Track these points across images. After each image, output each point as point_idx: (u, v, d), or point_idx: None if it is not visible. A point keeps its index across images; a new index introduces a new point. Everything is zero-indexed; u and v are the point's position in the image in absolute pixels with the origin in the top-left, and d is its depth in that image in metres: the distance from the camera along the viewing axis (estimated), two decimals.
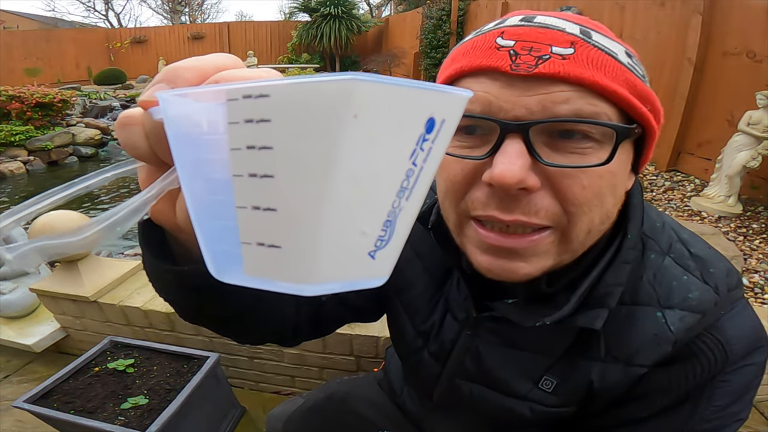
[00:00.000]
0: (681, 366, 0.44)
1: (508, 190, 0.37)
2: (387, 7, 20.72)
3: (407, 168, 0.17)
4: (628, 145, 0.40)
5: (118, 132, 0.26)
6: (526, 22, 0.39)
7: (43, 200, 0.23)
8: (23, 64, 10.92)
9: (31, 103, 5.92)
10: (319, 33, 11.78)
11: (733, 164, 2.77)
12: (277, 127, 0.15)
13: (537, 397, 0.51)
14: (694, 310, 0.44)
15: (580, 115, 0.36)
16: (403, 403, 0.81)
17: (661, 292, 0.45)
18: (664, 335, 0.44)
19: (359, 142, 0.14)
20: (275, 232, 0.16)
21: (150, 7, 31.34)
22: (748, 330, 0.44)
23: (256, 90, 0.15)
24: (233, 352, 1.57)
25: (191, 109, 0.18)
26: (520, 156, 0.36)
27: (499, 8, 6.29)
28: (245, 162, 0.16)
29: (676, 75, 3.49)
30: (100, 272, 1.67)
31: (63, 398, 1.20)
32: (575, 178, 0.37)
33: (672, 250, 0.47)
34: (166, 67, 0.24)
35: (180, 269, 0.33)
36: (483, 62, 0.38)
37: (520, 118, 0.37)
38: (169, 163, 0.25)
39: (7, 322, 1.84)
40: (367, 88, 0.14)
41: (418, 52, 8.66)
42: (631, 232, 0.44)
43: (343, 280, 0.18)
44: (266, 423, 0.97)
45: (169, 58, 12.61)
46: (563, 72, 0.35)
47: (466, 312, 0.54)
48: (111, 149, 6.60)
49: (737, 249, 2.42)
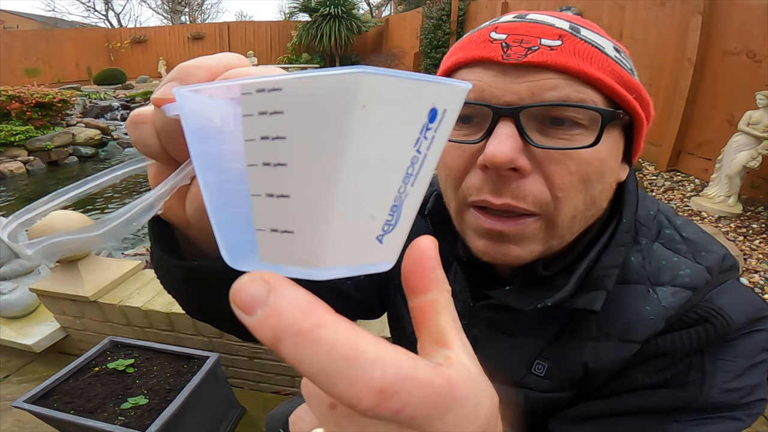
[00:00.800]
0: (676, 333, 0.44)
1: (500, 169, 0.39)
2: (387, 7, 20.74)
3: (412, 155, 0.18)
4: (616, 134, 0.42)
5: (130, 130, 0.26)
6: (519, 19, 0.43)
7: (58, 197, 0.24)
8: (23, 64, 10.94)
9: (31, 103, 5.92)
10: (319, 33, 11.78)
11: (733, 164, 2.77)
12: (289, 118, 0.16)
13: (530, 382, 0.51)
14: (685, 286, 0.44)
15: (568, 101, 0.38)
16: None
17: (651, 270, 0.46)
18: (656, 310, 0.44)
19: (367, 130, 0.15)
20: (289, 218, 0.17)
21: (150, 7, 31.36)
22: (743, 299, 0.44)
23: (269, 84, 0.16)
24: (233, 352, 1.57)
25: (206, 104, 0.19)
26: (511, 137, 0.39)
27: (499, 8, 6.29)
28: (259, 152, 0.17)
29: (676, 75, 3.49)
30: (100, 272, 1.67)
31: (63, 398, 1.20)
32: (563, 163, 0.39)
33: (661, 236, 0.48)
34: (178, 66, 0.24)
35: (188, 264, 0.34)
36: (477, 53, 0.41)
37: (510, 103, 0.39)
38: (178, 160, 0.26)
39: (7, 322, 1.84)
40: (374, 80, 0.15)
41: (418, 52, 8.67)
42: (626, 216, 0.46)
43: (353, 264, 0.18)
44: (266, 423, 0.97)
45: (169, 58, 12.66)
46: (551, 61, 0.38)
47: (462, 302, 0.54)
48: (111, 149, 6.60)
49: (737, 249, 2.42)
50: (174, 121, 0.23)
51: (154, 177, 0.28)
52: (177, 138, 0.24)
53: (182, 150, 0.25)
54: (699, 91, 3.37)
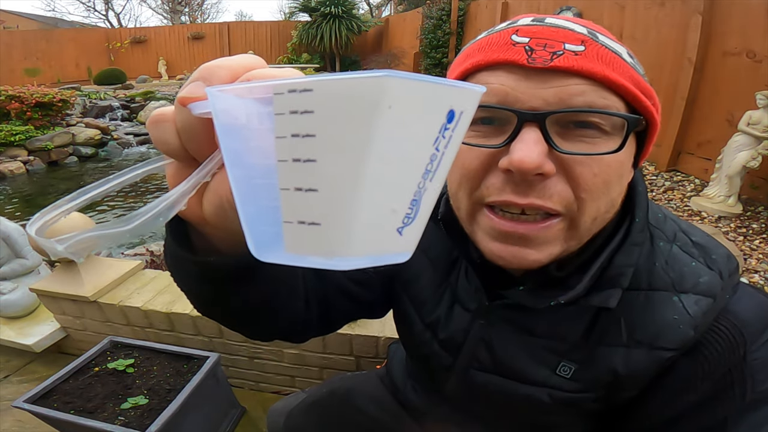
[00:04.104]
0: (712, 358, 0.45)
1: (526, 175, 0.39)
2: (387, 7, 20.73)
3: (431, 153, 0.19)
4: (632, 138, 0.43)
5: (151, 129, 0.27)
6: (537, 22, 0.42)
7: (81, 195, 0.25)
8: (23, 64, 10.93)
9: (30, 103, 5.92)
10: (319, 33, 11.77)
11: (733, 164, 2.77)
12: (320, 117, 0.17)
13: (556, 383, 0.52)
14: (706, 294, 0.45)
15: (594, 107, 0.39)
16: (406, 399, 0.81)
17: (674, 277, 0.47)
18: (684, 318, 0.45)
19: (392, 129, 0.17)
20: (316, 211, 0.18)
21: (150, 7, 31.37)
22: (755, 304, 0.46)
23: (300, 85, 0.17)
24: (233, 352, 1.57)
25: (235, 103, 0.20)
26: (538, 143, 0.38)
27: (499, 8, 6.29)
28: (290, 148, 0.18)
29: (676, 75, 3.49)
30: (100, 272, 1.67)
31: (63, 398, 1.20)
32: (587, 165, 0.40)
33: (677, 238, 0.49)
34: (202, 66, 0.25)
35: (204, 260, 0.35)
36: (500, 56, 0.40)
37: (536, 108, 0.39)
38: (197, 159, 0.27)
39: (7, 322, 1.84)
40: (399, 83, 0.16)
41: (418, 52, 8.66)
42: (638, 215, 0.47)
43: (374, 255, 0.20)
44: (267, 417, 0.97)
45: (169, 58, 12.61)
46: (577, 66, 0.38)
47: (478, 302, 0.55)
48: (111, 149, 6.60)
49: (737, 249, 2.42)
50: (194, 121, 0.25)
51: (172, 176, 0.29)
52: (196, 137, 0.26)
53: (201, 149, 0.26)
54: (699, 91, 3.36)
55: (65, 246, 0.22)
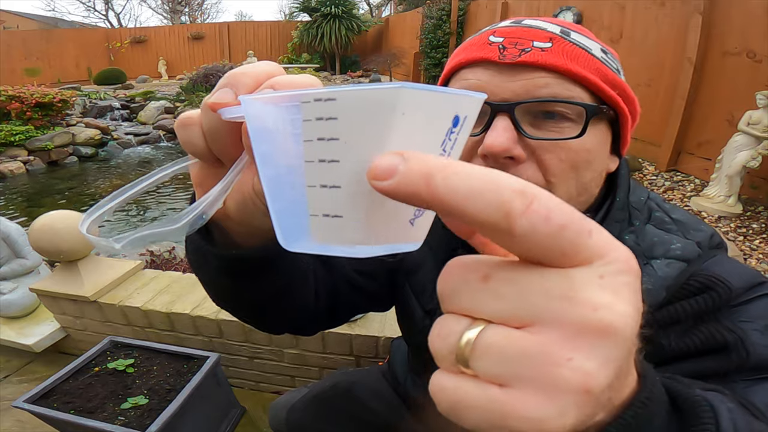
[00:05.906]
0: (684, 302, 0.44)
1: (497, 157, 0.44)
2: (387, 7, 20.73)
3: (439, 153, 0.21)
4: (603, 127, 0.47)
5: (179, 131, 0.30)
6: (515, 24, 0.48)
7: (119, 196, 0.28)
8: (23, 64, 10.93)
9: (31, 103, 5.92)
10: (319, 33, 11.78)
11: (733, 164, 2.77)
12: (342, 123, 0.19)
13: None
14: (678, 258, 0.47)
15: (557, 98, 0.43)
16: (406, 392, 0.82)
17: (644, 247, 0.49)
18: (653, 280, 0.47)
19: (405, 133, 0.19)
20: (339, 205, 0.20)
21: (150, 7, 31.37)
22: (738, 268, 0.45)
23: (325, 95, 0.19)
24: (233, 352, 1.57)
25: (266, 109, 0.23)
26: (507, 130, 0.43)
27: (499, 8, 6.29)
28: (316, 150, 0.20)
29: (676, 75, 3.49)
30: (100, 272, 1.67)
31: (63, 398, 1.20)
32: (554, 152, 0.44)
33: (652, 218, 0.52)
34: (227, 74, 0.27)
35: (226, 253, 0.37)
36: (477, 55, 0.46)
37: (506, 99, 0.44)
38: (222, 160, 0.29)
39: (7, 322, 1.84)
40: (411, 93, 0.18)
41: (418, 52, 8.66)
42: (619, 195, 0.51)
43: (389, 243, 0.22)
44: (269, 411, 0.98)
45: (169, 58, 12.61)
46: (541, 61, 0.43)
47: None
48: (111, 149, 6.59)
49: (737, 249, 2.42)
50: (220, 124, 0.27)
51: (197, 174, 0.32)
52: (222, 139, 0.28)
53: (225, 149, 0.29)
54: (699, 91, 3.37)
55: (122, 244, 0.25)
